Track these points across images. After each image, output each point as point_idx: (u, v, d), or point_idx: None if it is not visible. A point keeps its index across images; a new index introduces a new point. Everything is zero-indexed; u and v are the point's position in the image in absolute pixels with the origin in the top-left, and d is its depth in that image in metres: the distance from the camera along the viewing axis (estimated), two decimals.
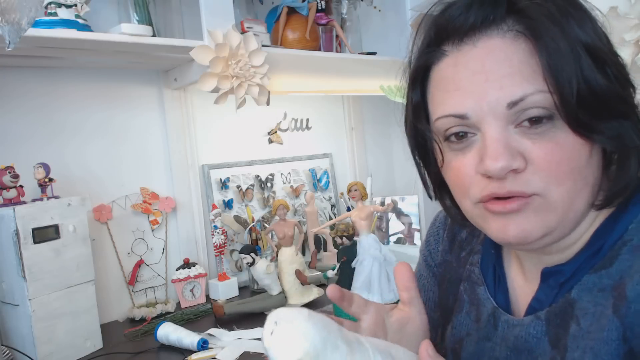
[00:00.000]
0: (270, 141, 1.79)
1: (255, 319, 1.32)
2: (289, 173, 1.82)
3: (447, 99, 0.49)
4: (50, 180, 1.20)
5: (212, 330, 1.24)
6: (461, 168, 0.50)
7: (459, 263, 0.66)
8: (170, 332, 1.17)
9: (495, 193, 0.47)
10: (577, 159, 0.46)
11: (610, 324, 0.45)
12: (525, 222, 0.47)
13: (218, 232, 1.51)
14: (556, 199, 0.46)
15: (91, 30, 1.17)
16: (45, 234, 1.10)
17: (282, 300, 1.39)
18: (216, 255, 1.53)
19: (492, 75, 0.46)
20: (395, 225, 1.86)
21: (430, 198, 0.61)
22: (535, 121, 0.45)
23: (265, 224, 1.67)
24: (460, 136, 0.49)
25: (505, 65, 0.45)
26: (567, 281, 0.51)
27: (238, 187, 1.68)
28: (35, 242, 1.08)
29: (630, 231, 0.48)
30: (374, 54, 1.76)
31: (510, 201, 0.47)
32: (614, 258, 0.48)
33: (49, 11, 1.14)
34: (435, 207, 0.61)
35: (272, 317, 0.39)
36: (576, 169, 0.46)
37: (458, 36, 0.49)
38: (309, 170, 1.88)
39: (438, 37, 0.51)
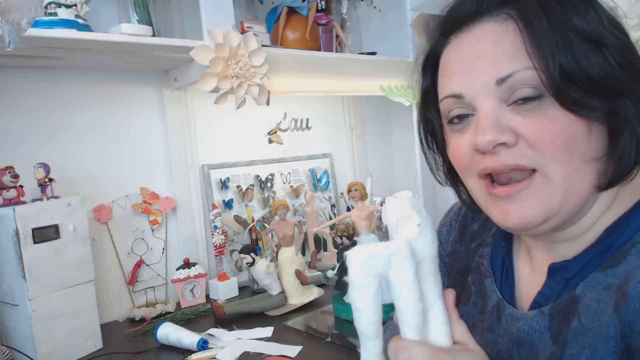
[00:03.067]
0: (270, 141, 1.79)
1: (255, 319, 1.32)
2: (289, 173, 1.82)
3: (446, 82, 0.53)
4: (50, 180, 1.20)
5: (212, 330, 1.24)
6: (458, 147, 0.53)
7: (468, 254, 0.67)
8: (170, 332, 1.17)
9: (490, 167, 0.49)
10: (572, 135, 0.46)
11: (609, 322, 0.45)
12: (525, 208, 0.49)
13: (218, 232, 1.51)
14: (555, 175, 0.47)
15: (91, 30, 1.17)
16: (45, 234, 1.10)
17: (282, 300, 1.39)
18: (216, 255, 1.53)
19: (483, 55, 0.49)
20: None
21: (440, 183, 0.64)
22: (525, 100, 0.47)
23: (265, 224, 1.67)
24: (462, 117, 0.52)
25: (496, 46, 0.48)
26: (573, 277, 0.51)
27: (238, 187, 1.68)
28: (35, 242, 1.08)
29: None
30: (374, 54, 1.76)
31: (509, 186, 0.49)
32: (622, 258, 0.48)
33: (49, 11, 1.14)
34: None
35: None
36: (572, 144, 0.47)
37: (458, 25, 0.52)
38: (309, 170, 1.88)
39: (443, 28, 0.55)
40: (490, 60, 0.48)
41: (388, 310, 0.46)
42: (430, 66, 0.57)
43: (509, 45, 0.47)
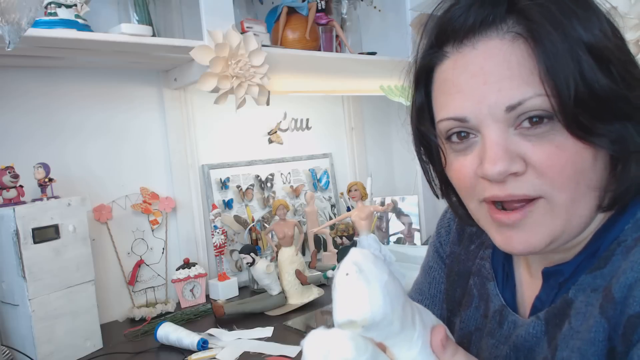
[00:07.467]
0: (270, 141, 1.79)
1: (255, 319, 1.32)
2: (289, 173, 1.82)
3: (448, 102, 0.49)
4: (50, 180, 1.20)
5: (212, 330, 1.24)
6: (462, 169, 0.50)
7: (467, 256, 0.66)
8: (170, 332, 1.17)
9: (496, 196, 0.47)
10: (580, 162, 0.45)
11: (597, 325, 0.45)
12: (529, 235, 0.48)
13: (218, 232, 1.51)
14: (560, 203, 0.46)
15: (91, 30, 1.17)
16: (45, 234, 1.10)
17: (282, 300, 1.39)
18: (216, 255, 1.53)
19: (491, 78, 0.46)
20: (395, 225, 1.86)
21: (437, 197, 0.61)
22: (535, 122, 0.45)
23: (265, 224, 1.67)
24: (462, 136, 0.49)
25: (504, 67, 0.45)
26: (566, 281, 0.51)
27: (238, 187, 1.68)
28: (35, 242, 1.08)
29: (625, 232, 0.48)
30: (374, 54, 1.76)
31: (514, 212, 0.47)
32: (608, 259, 0.48)
33: (49, 11, 1.14)
34: (435, 207, 0.61)
35: (355, 262, 0.38)
36: (580, 172, 0.45)
37: (458, 38, 0.48)
38: (309, 170, 1.88)
39: (439, 38, 0.50)
40: (498, 84, 0.45)
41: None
42: (423, 79, 0.54)
43: (518, 68, 0.45)
